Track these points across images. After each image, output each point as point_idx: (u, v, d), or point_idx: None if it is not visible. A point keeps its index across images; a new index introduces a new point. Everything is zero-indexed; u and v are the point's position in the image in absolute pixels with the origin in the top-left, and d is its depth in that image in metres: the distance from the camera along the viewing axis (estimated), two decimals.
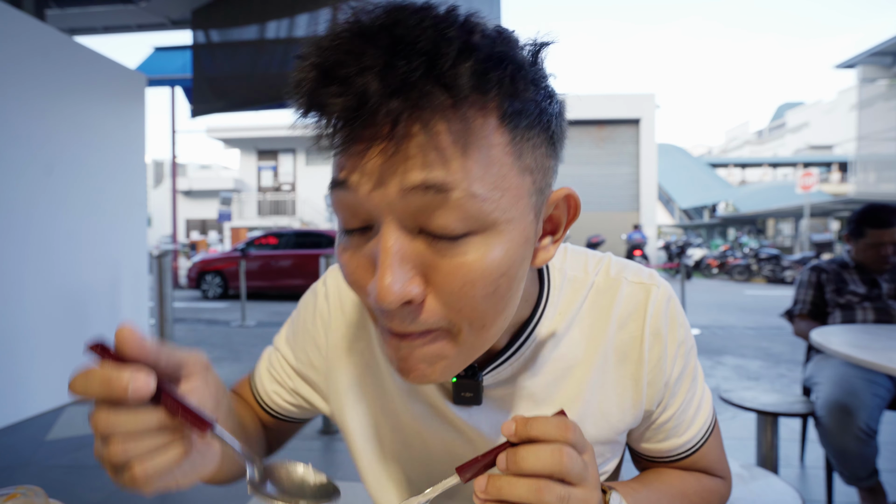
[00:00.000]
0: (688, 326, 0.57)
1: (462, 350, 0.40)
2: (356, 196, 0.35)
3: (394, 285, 0.34)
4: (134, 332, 0.34)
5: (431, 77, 0.32)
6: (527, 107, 0.36)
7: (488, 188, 0.35)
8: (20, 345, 3.02)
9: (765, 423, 1.87)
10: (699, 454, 0.58)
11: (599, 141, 17.72)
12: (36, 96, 3.15)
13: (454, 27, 0.33)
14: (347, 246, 0.39)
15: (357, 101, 0.32)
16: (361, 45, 0.32)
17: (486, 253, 0.36)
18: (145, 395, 0.32)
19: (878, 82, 16.15)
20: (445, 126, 0.33)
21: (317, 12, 3.75)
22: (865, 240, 2.04)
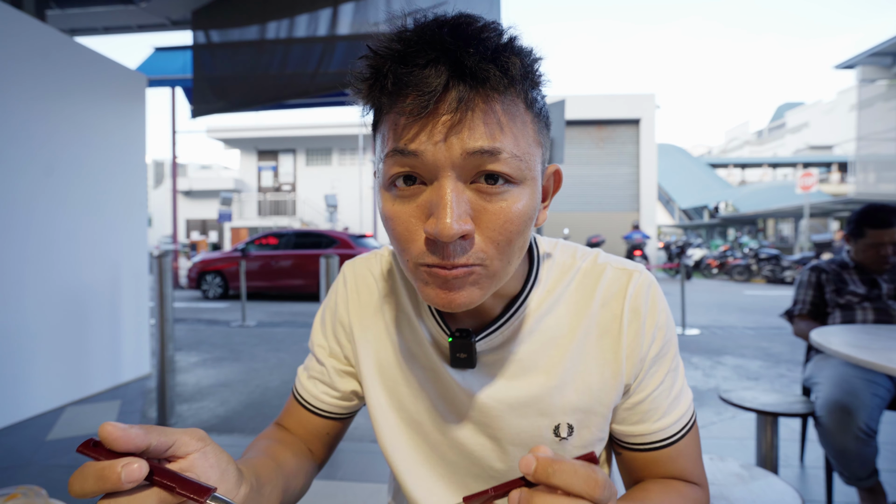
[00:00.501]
0: (668, 315, 0.60)
1: (491, 283, 0.49)
2: (422, 159, 0.44)
3: (455, 222, 0.43)
4: (116, 426, 0.36)
5: (495, 63, 0.43)
6: (538, 98, 0.49)
7: (522, 152, 0.46)
8: (20, 345, 3.02)
9: (764, 423, 1.87)
10: (675, 450, 0.59)
11: (599, 141, 17.71)
12: (36, 96, 3.16)
13: (504, 34, 0.46)
14: (398, 200, 0.47)
15: (436, 77, 0.42)
16: (434, 38, 0.42)
17: (517, 200, 0.46)
18: (138, 479, 0.35)
19: (878, 83, 16.14)
20: (499, 104, 0.44)
21: (317, 12, 3.75)
22: (865, 240, 2.04)
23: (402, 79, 0.42)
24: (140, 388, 3.73)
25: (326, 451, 0.72)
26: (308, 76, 3.82)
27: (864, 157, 17.13)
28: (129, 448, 0.36)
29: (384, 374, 0.66)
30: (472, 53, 0.42)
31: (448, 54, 0.42)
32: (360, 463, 2.43)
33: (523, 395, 0.59)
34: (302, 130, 19.38)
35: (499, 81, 0.43)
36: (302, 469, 0.64)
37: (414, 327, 0.64)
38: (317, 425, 0.69)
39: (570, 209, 17.29)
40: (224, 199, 13.82)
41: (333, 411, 0.69)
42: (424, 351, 0.63)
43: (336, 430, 0.71)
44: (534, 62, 0.47)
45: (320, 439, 0.70)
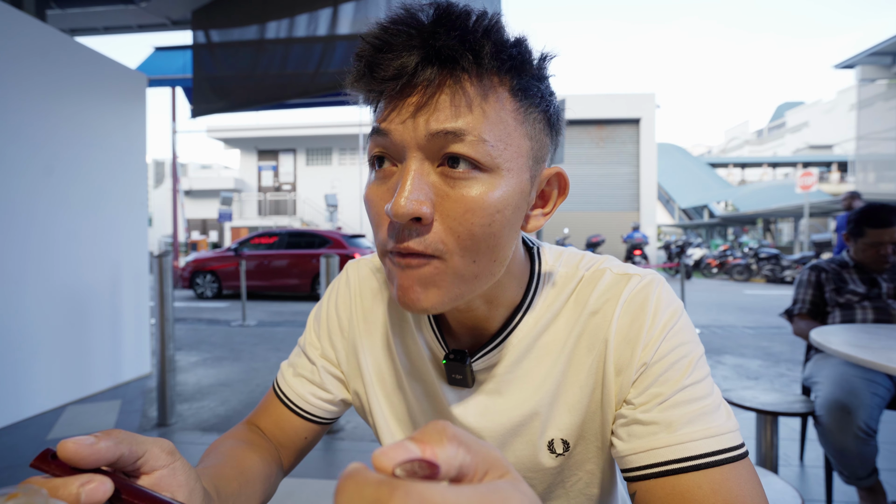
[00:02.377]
0: (677, 318, 0.52)
1: (453, 279, 0.46)
2: (391, 138, 0.44)
3: (409, 200, 0.42)
4: (77, 441, 0.32)
5: (464, 45, 0.42)
6: (531, 87, 0.46)
7: (495, 138, 0.44)
8: (20, 345, 3.03)
9: (764, 423, 1.87)
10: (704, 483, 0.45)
11: (599, 141, 17.71)
12: (37, 96, 3.16)
13: (483, 20, 0.44)
14: (374, 188, 0.47)
15: (405, 61, 0.42)
16: (409, 24, 0.43)
17: (487, 191, 0.44)
18: (100, 500, 0.31)
19: (878, 82, 16.13)
20: (469, 84, 0.43)
21: (316, 12, 3.75)
22: (865, 239, 2.04)
23: (378, 62, 0.43)
24: (140, 387, 3.74)
25: (296, 458, 0.67)
26: (308, 76, 3.82)
27: (863, 156, 17.13)
28: (95, 464, 0.32)
29: (386, 386, 0.64)
30: (441, 35, 0.42)
31: (421, 37, 0.42)
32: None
33: (518, 414, 0.56)
34: (302, 130, 19.37)
35: (469, 63, 0.42)
36: (267, 476, 0.59)
37: (415, 339, 0.62)
38: (296, 427, 0.65)
39: (570, 209, 17.29)
40: (224, 198, 13.82)
41: (317, 414, 0.66)
42: (424, 366, 0.61)
43: (313, 436, 0.67)
44: (518, 49, 0.45)
45: (295, 444, 0.66)
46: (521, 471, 0.58)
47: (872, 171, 17.03)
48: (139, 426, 2.94)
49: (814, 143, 35.57)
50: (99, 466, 0.33)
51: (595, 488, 0.59)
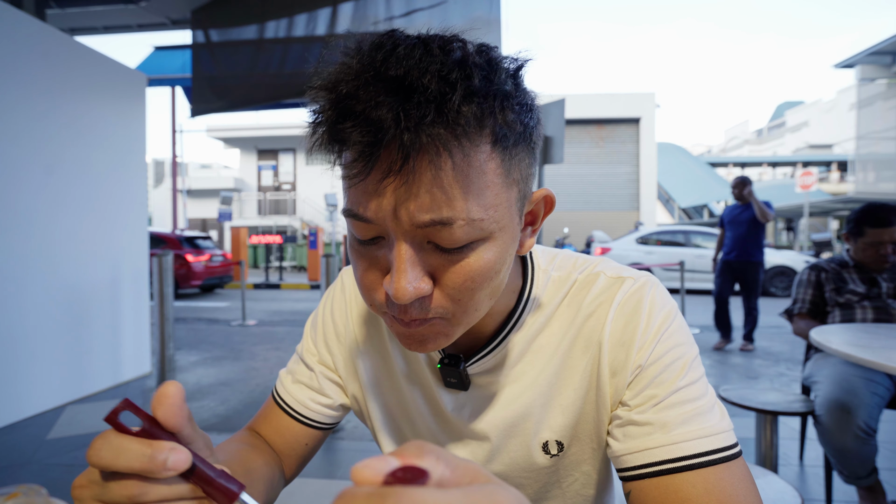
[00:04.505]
0: (672, 320, 0.52)
1: (456, 329, 0.46)
2: (373, 224, 0.41)
3: (409, 286, 0.41)
4: (177, 394, 0.33)
5: (440, 119, 0.37)
6: (513, 128, 0.41)
7: (484, 210, 0.41)
8: (21, 344, 3.02)
9: (764, 422, 1.87)
10: (699, 482, 0.45)
11: (599, 140, 17.71)
12: (36, 96, 3.15)
13: (455, 69, 0.37)
14: (361, 252, 0.45)
15: (373, 135, 0.37)
16: (374, 86, 0.37)
17: (483, 255, 0.43)
18: (179, 471, 0.32)
19: (878, 82, 16.13)
20: (449, 161, 0.38)
21: (315, 12, 3.75)
22: (865, 239, 2.04)
23: (338, 135, 0.38)
24: (140, 387, 3.74)
25: (297, 466, 0.67)
26: (307, 75, 3.81)
27: (863, 155, 17.13)
28: (171, 424, 0.33)
29: (383, 389, 0.65)
30: (411, 111, 0.36)
31: (387, 108, 0.36)
32: None
33: (512, 416, 0.57)
34: (302, 130, 19.31)
35: (446, 138, 0.37)
36: (270, 479, 0.60)
37: None
38: (296, 433, 0.65)
39: (570, 209, 17.29)
40: (224, 198, 13.80)
41: (317, 419, 0.66)
42: (421, 369, 0.61)
43: (314, 442, 0.67)
44: (499, 95, 0.39)
45: (296, 450, 0.65)
46: (516, 471, 0.59)
47: (872, 171, 17.03)
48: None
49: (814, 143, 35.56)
50: (178, 430, 0.34)
51: (591, 489, 0.59)
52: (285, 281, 12.83)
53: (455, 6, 3.53)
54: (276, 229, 19.17)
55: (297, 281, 12.94)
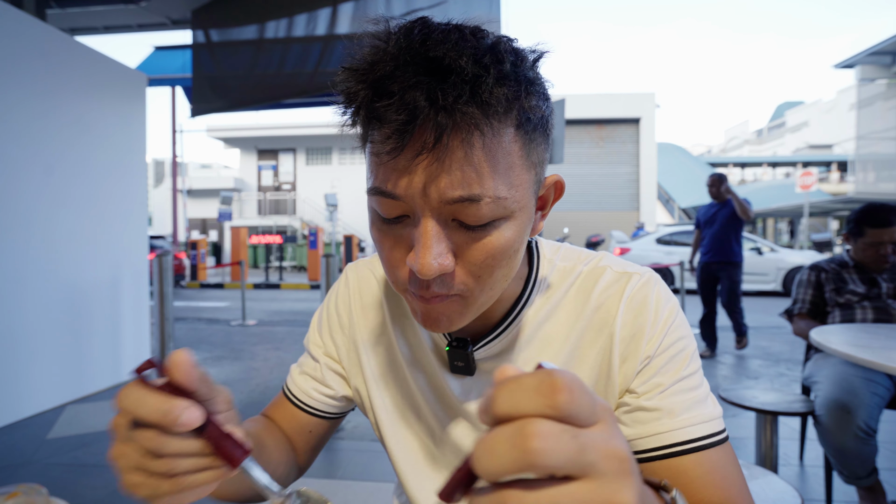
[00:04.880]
0: (676, 315, 0.56)
1: (472, 308, 0.49)
2: (401, 202, 0.43)
3: (433, 261, 0.43)
4: (187, 360, 0.36)
5: (474, 100, 0.39)
6: (534, 114, 0.44)
7: (508, 189, 0.43)
8: (21, 344, 3.03)
9: (764, 422, 1.87)
10: (706, 462, 0.51)
11: (599, 140, 17.72)
12: (37, 96, 3.15)
13: (487, 54, 0.40)
14: (385, 231, 0.47)
15: (408, 115, 0.39)
16: (409, 67, 0.39)
17: (503, 234, 0.45)
18: (194, 426, 0.35)
19: (878, 82, 16.13)
20: (479, 141, 0.40)
21: (315, 12, 3.75)
22: (864, 239, 2.04)
23: (374, 113, 0.40)
24: None
25: (310, 452, 0.70)
26: (307, 75, 3.82)
27: (863, 156, 17.13)
28: (186, 383, 0.36)
29: (387, 378, 0.66)
30: (448, 90, 0.38)
31: (422, 87, 0.38)
32: (361, 462, 2.43)
33: None
34: (302, 129, 19.37)
35: (478, 118, 0.39)
36: (282, 460, 0.63)
37: (416, 332, 0.64)
38: (301, 421, 0.69)
39: (570, 209, 17.30)
40: (224, 198, 13.81)
41: (320, 409, 0.69)
42: (425, 356, 0.63)
43: (320, 430, 0.70)
44: (524, 81, 0.42)
45: (303, 436, 0.69)
46: None
47: (872, 171, 17.03)
48: None
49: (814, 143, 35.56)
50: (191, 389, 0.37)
51: None
52: (285, 281, 12.83)
53: (455, 6, 3.53)
54: (276, 229, 19.18)
55: (297, 281, 12.94)
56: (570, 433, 0.22)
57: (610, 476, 0.23)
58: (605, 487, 0.23)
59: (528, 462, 0.22)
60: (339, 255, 12.61)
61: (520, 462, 0.22)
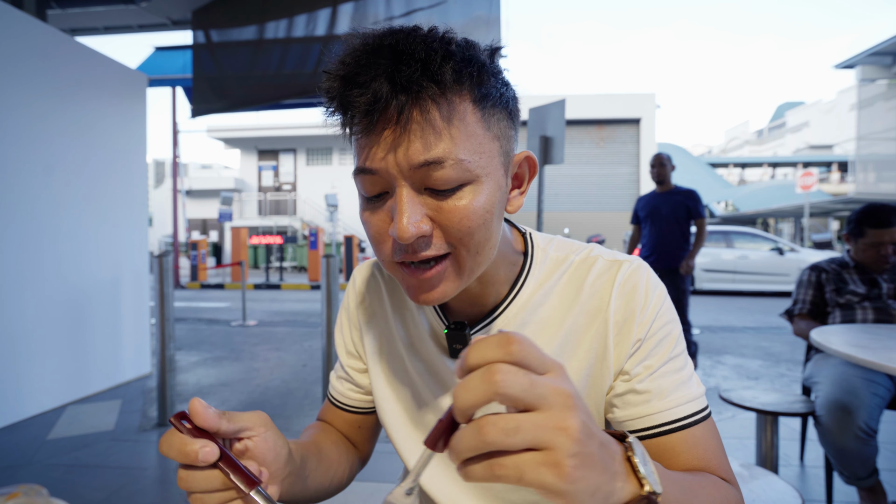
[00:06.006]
0: (664, 300, 0.60)
1: (462, 274, 0.53)
2: (377, 175, 0.49)
3: (410, 226, 0.47)
4: (201, 407, 0.44)
5: (426, 76, 0.45)
6: (490, 91, 0.50)
7: (470, 153, 0.48)
8: (21, 344, 3.03)
9: (765, 423, 1.87)
10: (692, 437, 0.56)
11: (599, 141, 17.71)
12: (37, 96, 3.16)
13: (436, 41, 0.47)
14: (369, 209, 0.52)
15: (373, 97, 0.45)
16: (372, 58, 0.46)
17: (474, 198, 0.49)
18: (210, 461, 0.42)
19: (878, 82, 16.13)
20: (436, 111, 0.46)
21: (315, 13, 3.75)
22: (865, 239, 2.04)
23: (346, 100, 0.47)
24: (140, 387, 3.74)
25: (366, 444, 0.77)
26: (307, 75, 3.82)
27: (863, 156, 17.12)
28: (204, 426, 0.44)
29: (386, 365, 0.70)
30: (403, 70, 0.45)
31: (383, 73, 0.45)
32: None
33: None
34: (302, 130, 19.36)
35: (433, 91, 0.46)
36: (342, 458, 0.70)
37: (415, 320, 0.68)
38: (347, 419, 0.75)
39: (570, 209, 17.29)
40: (224, 198, 13.81)
41: (359, 406, 0.75)
42: (424, 343, 0.67)
43: (368, 423, 0.76)
44: (475, 62, 0.48)
45: (355, 432, 0.76)
46: None
47: (872, 171, 17.02)
48: (139, 426, 2.94)
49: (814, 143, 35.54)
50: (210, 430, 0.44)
51: None
52: (286, 281, 12.83)
53: (455, 6, 3.53)
54: (277, 230, 19.17)
55: (297, 281, 12.94)
56: (523, 373, 0.30)
57: (557, 407, 0.31)
58: (554, 416, 0.30)
59: (493, 391, 0.30)
60: (340, 256, 12.62)
61: (488, 392, 0.30)
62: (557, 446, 0.30)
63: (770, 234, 10.98)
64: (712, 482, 0.53)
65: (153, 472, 2.39)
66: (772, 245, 9.99)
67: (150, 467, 2.43)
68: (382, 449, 0.85)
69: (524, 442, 0.30)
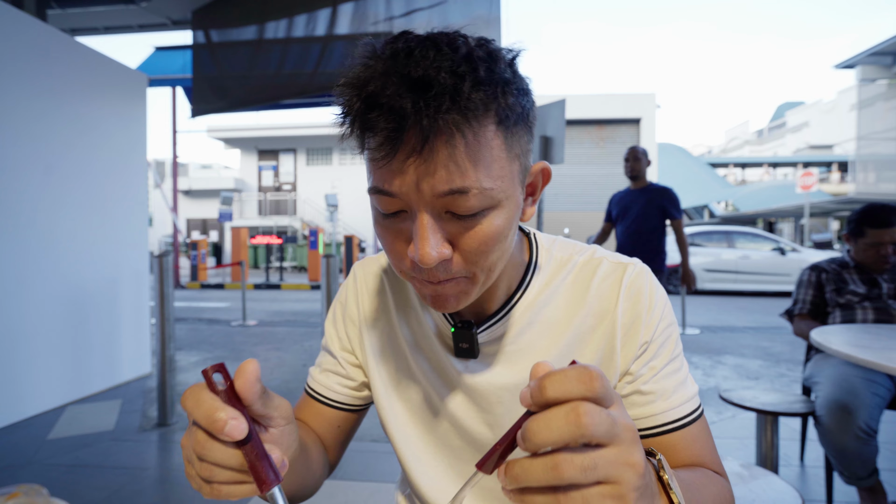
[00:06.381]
0: (666, 303, 0.62)
1: (475, 288, 0.53)
2: (398, 198, 0.47)
3: (432, 251, 0.47)
4: (253, 374, 0.39)
5: (454, 107, 0.43)
6: (513, 110, 0.48)
7: (493, 180, 0.47)
8: (21, 344, 3.03)
9: (765, 423, 1.87)
10: (689, 435, 0.59)
11: (599, 141, 17.71)
12: (37, 96, 3.16)
13: (463, 64, 0.44)
14: (386, 225, 0.51)
15: (396, 124, 0.43)
16: (397, 80, 0.43)
17: (494, 222, 0.49)
18: (236, 438, 0.37)
19: (878, 82, 16.12)
20: (462, 140, 0.44)
21: (315, 13, 3.75)
22: (865, 239, 2.04)
23: (367, 123, 0.45)
24: (140, 387, 3.74)
25: (338, 448, 0.74)
26: (307, 75, 3.83)
27: (864, 156, 17.12)
28: (245, 394, 0.38)
29: (389, 365, 0.69)
30: (430, 101, 0.42)
31: (409, 99, 0.43)
32: (362, 462, 2.43)
33: (522, 381, 0.62)
34: (302, 130, 19.37)
35: (458, 120, 0.43)
36: (320, 458, 0.67)
37: (420, 319, 0.67)
38: (328, 417, 0.72)
39: (570, 209, 17.29)
40: (224, 198, 13.80)
41: (346, 402, 0.72)
42: (429, 342, 0.66)
43: (347, 424, 0.74)
44: (500, 82, 0.46)
45: (332, 432, 0.72)
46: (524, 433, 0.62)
47: (872, 172, 17.02)
48: (139, 426, 2.94)
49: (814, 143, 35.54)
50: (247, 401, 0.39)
51: None
52: (286, 281, 12.83)
53: (455, 6, 3.53)
54: (277, 230, 19.17)
55: (297, 281, 12.94)
56: (605, 413, 0.30)
57: (627, 443, 0.31)
58: (624, 451, 0.31)
59: (580, 433, 0.29)
60: (340, 256, 12.62)
61: (574, 433, 0.29)
62: (625, 481, 0.31)
63: (771, 234, 10.97)
64: (710, 478, 0.56)
65: (153, 472, 2.39)
66: (773, 245, 9.99)
67: (150, 467, 2.43)
68: (382, 449, 0.86)
69: (596, 477, 0.30)
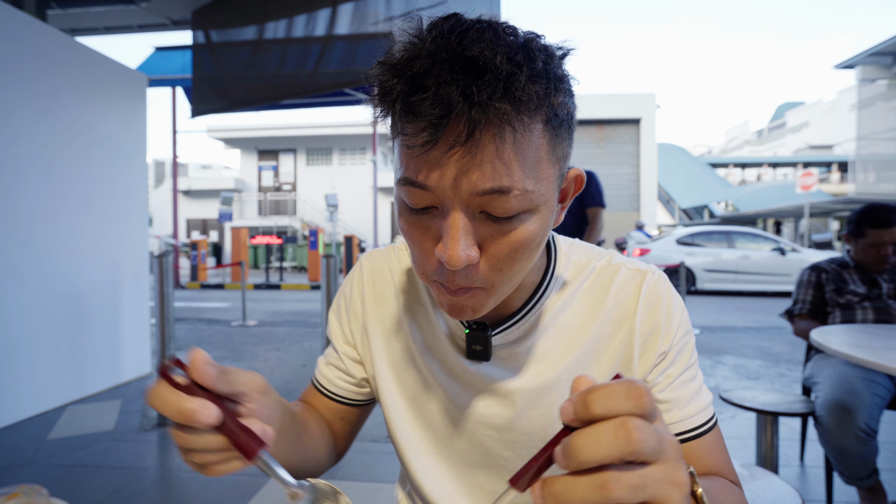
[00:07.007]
0: (684, 311, 0.61)
1: (492, 299, 0.50)
2: (431, 192, 0.44)
3: (462, 252, 0.44)
4: (203, 362, 0.39)
5: (507, 97, 0.40)
6: (562, 111, 0.45)
7: (535, 182, 0.45)
8: (22, 344, 3.03)
9: (765, 423, 1.87)
10: (706, 444, 0.58)
11: (600, 141, 17.72)
12: (37, 96, 3.16)
13: (520, 53, 0.41)
14: (414, 221, 0.48)
15: (443, 110, 0.40)
16: (447, 63, 0.40)
17: (528, 227, 0.46)
18: (209, 425, 0.37)
19: (878, 82, 16.13)
20: (511, 134, 0.41)
21: (315, 13, 3.75)
22: (865, 239, 2.04)
23: (409, 107, 0.41)
24: (141, 387, 3.73)
25: (345, 438, 0.73)
26: (306, 76, 3.83)
27: (864, 156, 17.12)
28: (204, 384, 0.39)
29: (397, 365, 0.67)
30: (483, 87, 0.39)
31: (459, 84, 0.39)
32: (362, 462, 2.43)
33: (535, 385, 0.60)
34: (302, 130, 19.38)
35: (509, 112, 0.40)
36: (324, 438, 0.66)
37: (431, 320, 0.65)
38: (332, 409, 0.71)
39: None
40: (224, 198, 13.80)
41: (347, 396, 0.71)
42: (440, 343, 0.64)
43: (351, 416, 0.73)
44: (553, 78, 0.43)
45: (336, 423, 0.72)
46: (534, 441, 0.62)
47: (873, 172, 17.02)
48: (139, 426, 2.94)
49: (814, 144, 35.56)
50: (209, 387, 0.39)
51: None
52: (286, 281, 12.83)
53: (455, 6, 3.53)
54: (277, 230, 19.17)
55: (297, 281, 12.94)
56: (653, 429, 0.29)
57: (672, 460, 0.30)
58: (670, 469, 0.30)
59: (630, 450, 0.27)
60: (340, 256, 12.62)
61: (623, 450, 0.27)
62: (671, 500, 0.30)
63: (771, 234, 10.97)
64: (729, 488, 0.55)
65: (153, 472, 2.39)
66: (773, 245, 9.99)
67: (150, 467, 2.43)
68: (382, 449, 0.85)
69: (644, 497, 0.29)
